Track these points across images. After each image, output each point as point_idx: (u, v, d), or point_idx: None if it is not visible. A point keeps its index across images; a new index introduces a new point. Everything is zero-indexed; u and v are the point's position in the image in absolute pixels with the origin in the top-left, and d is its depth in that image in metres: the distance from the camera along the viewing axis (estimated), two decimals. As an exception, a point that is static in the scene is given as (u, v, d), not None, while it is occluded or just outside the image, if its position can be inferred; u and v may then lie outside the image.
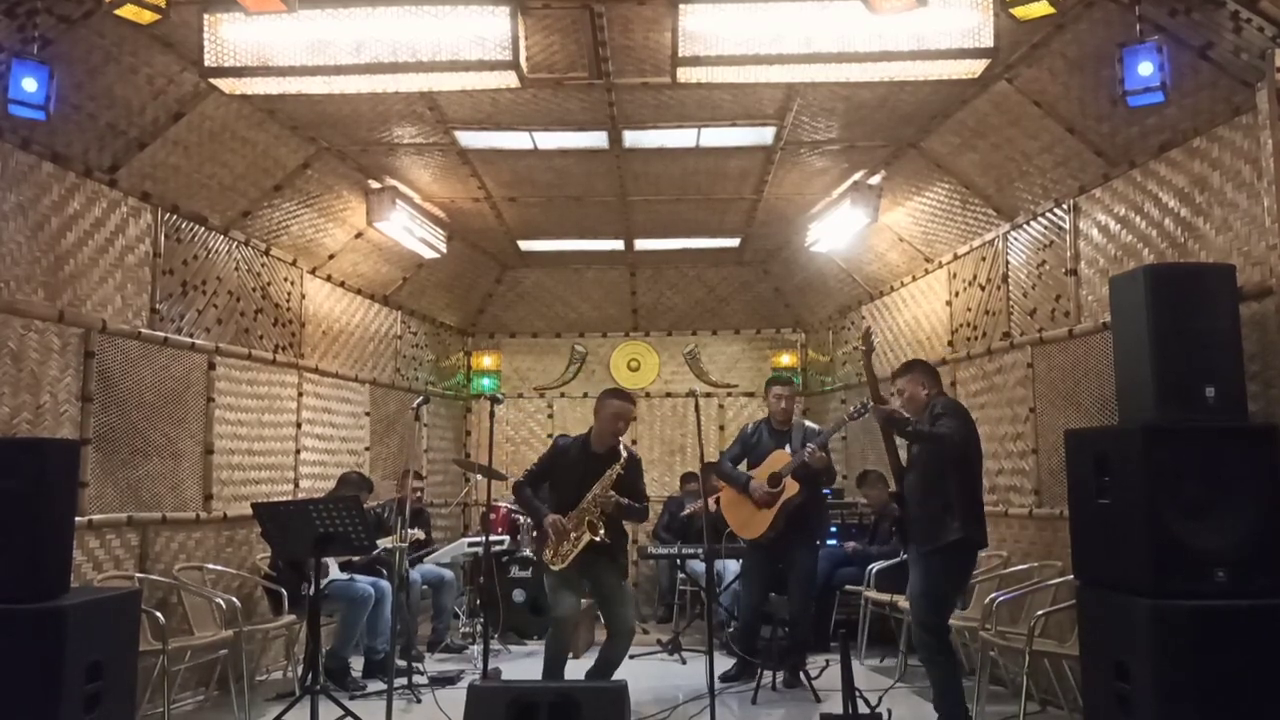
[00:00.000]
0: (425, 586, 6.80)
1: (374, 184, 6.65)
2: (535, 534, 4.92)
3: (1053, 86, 4.77)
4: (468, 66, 4.30)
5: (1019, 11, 3.92)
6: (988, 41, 4.26)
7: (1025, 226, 5.81)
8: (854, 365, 8.45)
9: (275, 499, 6.14)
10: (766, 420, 5.83)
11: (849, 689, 4.15)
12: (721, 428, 9.61)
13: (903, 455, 4.74)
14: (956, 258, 6.62)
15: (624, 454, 4.76)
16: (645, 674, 5.97)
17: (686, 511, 7.99)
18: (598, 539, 4.66)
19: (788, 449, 5.52)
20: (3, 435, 4.24)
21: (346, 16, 4.31)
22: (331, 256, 7.01)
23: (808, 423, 5.69)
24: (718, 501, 5.82)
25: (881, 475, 6.72)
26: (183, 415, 5.62)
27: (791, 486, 5.42)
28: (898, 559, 6.13)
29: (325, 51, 4.31)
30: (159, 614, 4.76)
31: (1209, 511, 3.53)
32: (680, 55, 4.31)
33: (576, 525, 4.72)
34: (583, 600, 5.02)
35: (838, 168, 6.46)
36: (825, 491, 6.13)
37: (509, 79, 4.39)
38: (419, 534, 6.75)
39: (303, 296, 6.88)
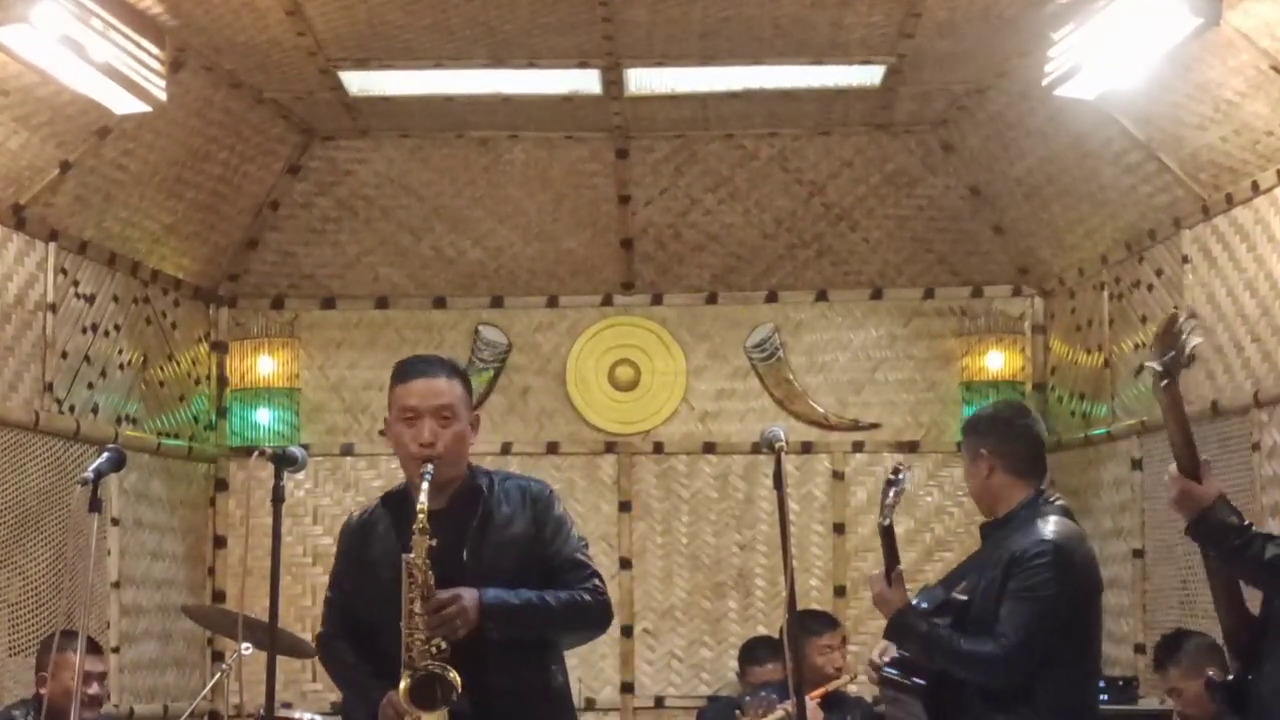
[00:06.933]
0: None
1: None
2: None
3: None
4: None
5: None
6: None
7: None
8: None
9: None
10: None
11: None
12: (839, 528, 9.99)
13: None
14: None
15: (426, 469, 5.30)
16: None
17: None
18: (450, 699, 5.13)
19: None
20: None
21: None
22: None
23: (1053, 522, 5.85)
24: (824, 701, 6.60)
25: (1214, 646, 7.02)
26: None
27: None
28: None
29: None
30: None
31: None
32: None
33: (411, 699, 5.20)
34: None
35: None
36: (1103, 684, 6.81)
37: None
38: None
39: None
